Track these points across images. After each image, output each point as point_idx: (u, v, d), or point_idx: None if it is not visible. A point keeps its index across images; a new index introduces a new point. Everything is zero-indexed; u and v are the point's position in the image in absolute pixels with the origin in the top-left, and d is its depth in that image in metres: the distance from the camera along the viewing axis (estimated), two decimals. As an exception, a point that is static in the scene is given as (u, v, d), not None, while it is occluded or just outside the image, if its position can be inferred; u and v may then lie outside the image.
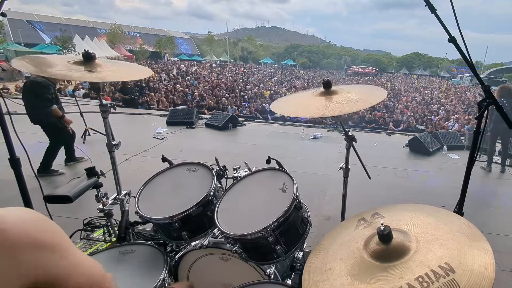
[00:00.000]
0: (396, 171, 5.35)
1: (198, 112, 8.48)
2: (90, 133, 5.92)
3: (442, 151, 6.60)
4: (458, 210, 1.58)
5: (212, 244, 1.59)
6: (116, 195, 2.00)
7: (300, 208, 1.52)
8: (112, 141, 2.16)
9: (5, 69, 17.87)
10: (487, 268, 0.77)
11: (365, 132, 8.89)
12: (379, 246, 0.90)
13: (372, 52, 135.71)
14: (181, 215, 1.53)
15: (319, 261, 1.01)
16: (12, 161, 1.92)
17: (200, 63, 41.55)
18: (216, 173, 1.79)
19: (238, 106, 13.16)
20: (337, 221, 2.07)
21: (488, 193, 4.84)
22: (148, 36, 51.44)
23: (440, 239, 0.90)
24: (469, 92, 27.99)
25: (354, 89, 1.76)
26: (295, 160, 5.48)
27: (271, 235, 1.38)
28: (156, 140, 6.34)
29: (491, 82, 29.02)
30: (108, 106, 2.07)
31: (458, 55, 1.40)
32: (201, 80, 20.62)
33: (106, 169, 2.05)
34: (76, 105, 5.44)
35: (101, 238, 2.52)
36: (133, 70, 2.11)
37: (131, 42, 45.66)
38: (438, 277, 0.77)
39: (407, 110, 14.54)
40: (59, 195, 1.61)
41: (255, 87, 19.44)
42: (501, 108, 1.39)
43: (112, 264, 1.48)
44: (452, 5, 1.32)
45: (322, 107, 1.57)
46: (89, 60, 1.87)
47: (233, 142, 6.91)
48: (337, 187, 3.85)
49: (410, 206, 1.14)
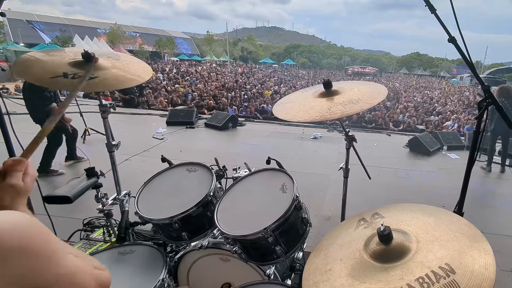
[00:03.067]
0: (396, 171, 5.35)
1: (198, 112, 8.47)
2: (90, 133, 5.92)
3: (442, 151, 6.60)
4: (458, 210, 1.58)
5: (212, 244, 1.59)
6: (116, 195, 2.00)
7: (300, 209, 1.52)
8: (112, 141, 2.15)
9: (5, 69, 17.83)
10: (487, 269, 0.77)
11: (365, 132, 8.89)
12: (379, 247, 0.90)
13: (372, 52, 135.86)
14: (181, 215, 1.53)
15: (319, 262, 1.01)
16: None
17: (200, 63, 41.55)
18: (216, 174, 1.79)
19: (238, 106, 13.16)
20: (337, 221, 2.07)
21: (488, 193, 4.83)
22: (148, 36, 51.41)
23: (440, 240, 0.90)
24: (468, 92, 27.95)
25: (353, 86, 1.75)
26: (295, 160, 5.48)
27: (271, 236, 1.38)
28: (156, 140, 6.34)
29: (491, 82, 29.00)
30: (108, 106, 2.06)
31: (458, 55, 1.40)
32: (201, 80, 20.62)
33: (105, 169, 2.05)
34: (76, 105, 5.44)
35: (100, 238, 2.52)
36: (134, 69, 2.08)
37: (131, 42, 45.63)
38: (439, 278, 0.77)
39: (406, 110, 14.54)
40: (59, 196, 1.61)
41: (255, 87, 19.44)
42: (501, 108, 1.39)
43: (112, 265, 1.48)
44: (452, 5, 1.32)
45: (324, 109, 1.56)
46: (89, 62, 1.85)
47: (233, 142, 6.91)
48: (337, 187, 3.84)
49: (410, 206, 1.14)
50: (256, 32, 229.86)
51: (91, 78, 1.68)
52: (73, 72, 1.67)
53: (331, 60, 73.19)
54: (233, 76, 25.74)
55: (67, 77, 1.62)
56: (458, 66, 62.34)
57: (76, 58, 1.74)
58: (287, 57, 65.06)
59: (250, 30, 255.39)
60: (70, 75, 1.64)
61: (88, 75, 0.90)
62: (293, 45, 78.06)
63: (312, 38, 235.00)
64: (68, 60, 1.74)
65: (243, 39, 74.87)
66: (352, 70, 56.59)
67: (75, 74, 1.65)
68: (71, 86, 1.57)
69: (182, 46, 56.03)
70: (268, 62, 57.79)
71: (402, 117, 13.02)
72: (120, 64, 1.90)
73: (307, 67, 63.31)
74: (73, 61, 1.72)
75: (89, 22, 48.20)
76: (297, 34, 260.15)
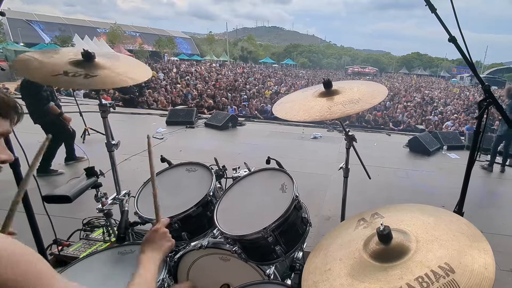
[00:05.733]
0: (396, 171, 5.35)
1: (197, 112, 8.47)
2: (90, 133, 5.92)
3: (442, 151, 6.60)
4: (458, 210, 1.58)
5: (212, 244, 1.59)
6: (116, 195, 2.00)
7: (300, 208, 1.52)
8: (112, 141, 2.15)
9: (4, 68, 17.82)
10: (487, 269, 0.77)
11: (365, 132, 8.89)
12: (379, 246, 0.90)
13: (372, 52, 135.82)
14: (181, 215, 1.53)
15: (318, 262, 1.01)
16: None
17: (200, 62, 41.52)
18: (215, 173, 1.79)
19: (238, 105, 13.15)
20: (337, 221, 2.07)
21: (488, 193, 4.84)
22: (148, 35, 51.37)
23: (440, 239, 0.90)
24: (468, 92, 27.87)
25: (354, 86, 1.75)
26: (295, 160, 5.47)
27: (270, 236, 1.38)
28: (156, 140, 6.33)
29: (491, 82, 28.98)
30: (108, 105, 2.06)
31: (458, 55, 1.40)
32: (201, 80, 20.61)
33: (105, 169, 2.05)
34: (75, 104, 5.44)
35: (100, 238, 2.52)
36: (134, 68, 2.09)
37: (130, 41, 45.60)
38: (438, 278, 0.77)
39: (406, 110, 14.53)
40: (59, 195, 1.61)
41: (254, 86, 19.43)
42: (501, 107, 1.40)
43: (112, 264, 1.48)
44: (452, 5, 1.32)
45: (324, 109, 1.56)
46: (89, 60, 1.86)
47: (232, 142, 6.90)
48: (337, 187, 3.85)
49: (410, 206, 1.14)
50: (256, 32, 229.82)
51: (91, 76, 1.69)
52: (73, 70, 1.68)
53: (331, 60, 73.13)
54: (233, 76, 25.72)
55: (67, 75, 1.63)
56: (458, 66, 62.35)
57: (75, 58, 1.75)
58: (287, 57, 64.99)
59: (250, 30, 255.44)
60: (71, 74, 1.64)
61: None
62: (293, 45, 77.97)
63: (312, 38, 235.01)
64: (68, 59, 1.74)
65: (243, 39, 74.84)
66: (352, 70, 56.61)
67: (75, 72, 1.66)
68: (69, 85, 1.58)
69: (182, 46, 55.98)
70: (268, 62, 57.75)
71: (402, 117, 13.03)
72: (120, 64, 1.91)
73: (307, 67, 63.28)
74: (74, 60, 1.73)
75: (89, 22, 48.16)
76: (297, 34, 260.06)
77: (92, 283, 1.37)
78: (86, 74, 1.71)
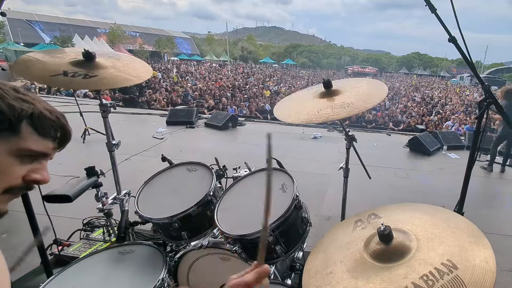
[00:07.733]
0: (396, 171, 5.35)
1: (198, 111, 8.47)
2: (90, 133, 5.92)
3: (442, 151, 6.59)
4: (458, 210, 1.58)
5: (212, 244, 1.59)
6: (116, 194, 2.00)
7: (300, 208, 1.52)
8: (112, 141, 2.16)
9: (5, 68, 17.81)
10: (488, 263, 0.78)
11: (365, 132, 8.88)
12: (380, 247, 0.90)
13: (372, 52, 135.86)
14: (181, 215, 1.53)
15: (318, 265, 1.00)
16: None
17: (200, 62, 41.53)
18: (216, 173, 1.79)
19: (238, 105, 13.16)
20: (337, 221, 2.06)
21: (488, 193, 4.84)
22: (148, 35, 51.39)
23: (439, 237, 0.90)
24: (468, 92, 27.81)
25: (353, 85, 1.75)
26: (295, 160, 5.47)
27: (271, 235, 1.38)
28: (156, 140, 6.33)
29: (491, 82, 28.95)
30: (108, 105, 2.07)
31: (458, 55, 1.40)
32: (201, 80, 20.61)
33: (106, 169, 2.04)
34: (76, 104, 5.44)
35: (100, 238, 2.52)
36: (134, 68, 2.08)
37: (131, 41, 45.61)
38: (443, 275, 0.77)
39: (406, 110, 14.53)
40: (59, 195, 1.61)
41: (254, 86, 19.43)
42: (501, 107, 1.40)
43: (112, 264, 1.48)
44: (452, 5, 1.32)
45: (325, 110, 1.55)
46: (90, 60, 1.86)
47: (233, 142, 6.90)
48: (337, 187, 3.84)
49: (407, 205, 1.14)
50: (256, 32, 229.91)
51: (91, 76, 1.69)
52: (73, 70, 1.68)
53: (331, 60, 73.07)
54: (233, 75, 25.71)
55: (67, 75, 1.63)
56: (458, 66, 62.34)
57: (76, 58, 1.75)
58: (287, 57, 64.98)
59: (250, 30, 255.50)
60: (70, 74, 1.64)
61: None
62: (293, 45, 77.94)
63: (312, 38, 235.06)
64: (68, 59, 1.75)
65: (243, 39, 74.83)
66: (352, 70, 56.59)
67: (75, 72, 1.66)
68: (70, 85, 1.58)
69: (182, 46, 55.99)
70: (268, 62, 57.74)
71: (401, 117, 13.02)
72: (120, 64, 1.91)
73: (307, 67, 63.25)
74: (74, 60, 1.73)
75: (89, 22, 48.16)
76: (297, 34, 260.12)
77: (92, 283, 1.37)
78: (86, 74, 1.71)
